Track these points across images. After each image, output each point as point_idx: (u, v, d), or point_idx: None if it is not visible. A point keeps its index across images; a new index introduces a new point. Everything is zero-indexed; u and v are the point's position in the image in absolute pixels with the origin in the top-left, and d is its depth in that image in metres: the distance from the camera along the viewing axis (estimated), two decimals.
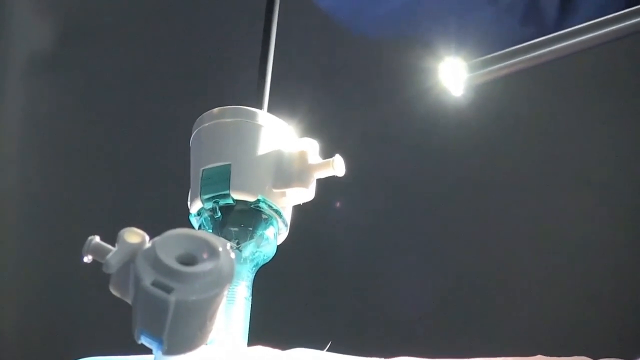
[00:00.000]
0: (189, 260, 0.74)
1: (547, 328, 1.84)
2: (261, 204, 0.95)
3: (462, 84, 0.93)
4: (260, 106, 1.01)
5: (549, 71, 1.49)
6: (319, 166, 0.97)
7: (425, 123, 1.74)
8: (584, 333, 1.83)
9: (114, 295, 0.75)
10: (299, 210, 1.00)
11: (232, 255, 0.75)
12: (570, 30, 0.87)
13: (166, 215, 1.01)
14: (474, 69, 0.92)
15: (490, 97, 1.45)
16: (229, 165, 0.96)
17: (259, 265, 0.96)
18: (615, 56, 1.78)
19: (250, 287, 0.94)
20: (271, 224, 0.96)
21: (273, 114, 1.00)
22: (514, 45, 1.03)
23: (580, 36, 0.87)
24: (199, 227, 0.97)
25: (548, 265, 1.85)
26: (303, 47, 1.79)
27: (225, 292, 0.74)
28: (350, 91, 1.79)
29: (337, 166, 0.97)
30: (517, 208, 1.86)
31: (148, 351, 0.75)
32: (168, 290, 0.72)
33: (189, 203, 0.98)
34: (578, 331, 1.83)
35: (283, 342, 0.89)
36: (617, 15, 0.86)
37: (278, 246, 0.98)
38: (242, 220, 0.95)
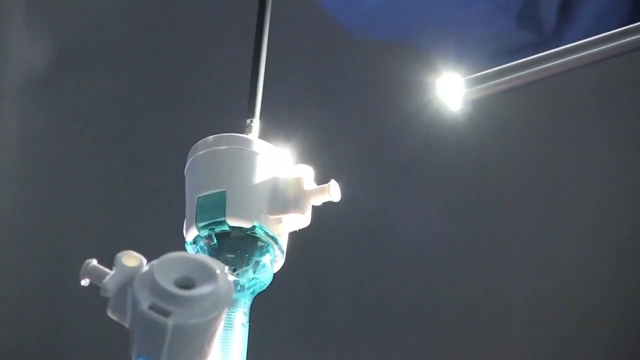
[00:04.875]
0: (187, 283, 0.73)
1: (538, 342, 1.83)
2: (257, 231, 0.95)
3: (460, 99, 0.94)
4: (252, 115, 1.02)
5: (547, 88, 1.49)
6: (314, 192, 0.97)
7: (423, 137, 1.74)
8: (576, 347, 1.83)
9: (110, 319, 0.75)
10: (294, 236, 1.00)
11: (230, 278, 0.75)
12: (569, 47, 0.87)
13: (163, 236, 1.01)
14: (472, 84, 0.92)
15: (488, 112, 1.45)
16: (224, 192, 0.95)
17: (256, 293, 0.95)
18: (611, 75, 1.78)
19: (248, 314, 0.93)
20: (267, 250, 0.96)
21: (267, 140, 1.00)
22: (509, 48, 1.03)
23: (579, 53, 0.87)
24: None
25: (541, 281, 1.85)
26: (296, 72, 1.79)
27: (224, 316, 0.74)
28: (346, 111, 1.80)
29: (333, 192, 0.97)
30: (512, 223, 1.86)
31: None
32: (166, 314, 0.71)
33: (184, 231, 0.98)
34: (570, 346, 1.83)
35: None
36: (615, 32, 0.86)
37: (274, 273, 0.97)
38: (238, 247, 0.95)
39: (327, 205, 0.97)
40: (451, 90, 0.93)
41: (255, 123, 1.03)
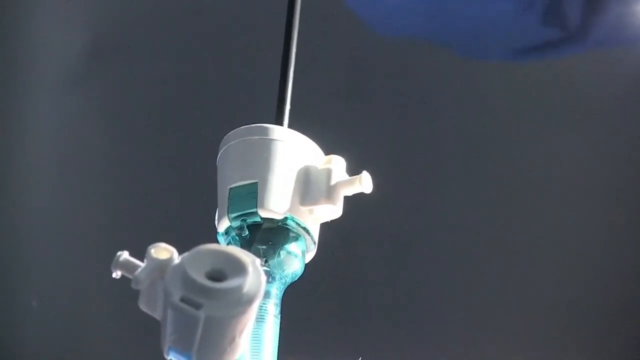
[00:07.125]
0: (218, 276, 0.74)
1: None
2: (289, 222, 0.95)
3: None
4: (280, 122, 1.02)
5: None
6: (346, 183, 0.97)
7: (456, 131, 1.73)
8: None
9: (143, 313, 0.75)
10: (325, 226, 1.00)
11: (262, 270, 0.75)
12: None
13: (195, 230, 1.01)
14: None
15: None
16: (256, 183, 0.96)
17: (287, 284, 0.96)
18: None
19: (279, 305, 0.93)
20: (299, 242, 0.96)
21: (298, 130, 1.00)
22: (533, 45, 1.01)
23: None
24: None
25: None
26: (327, 60, 1.79)
27: (255, 308, 0.74)
28: (379, 103, 1.79)
29: (365, 183, 0.96)
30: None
31: None
32: (197, 306, 0.72)
33: (216, 222, 0.98)
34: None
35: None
36: None
37: (306, 264, 0.98)
38: (270, 238, 0.95)
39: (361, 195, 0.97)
40: None
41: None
